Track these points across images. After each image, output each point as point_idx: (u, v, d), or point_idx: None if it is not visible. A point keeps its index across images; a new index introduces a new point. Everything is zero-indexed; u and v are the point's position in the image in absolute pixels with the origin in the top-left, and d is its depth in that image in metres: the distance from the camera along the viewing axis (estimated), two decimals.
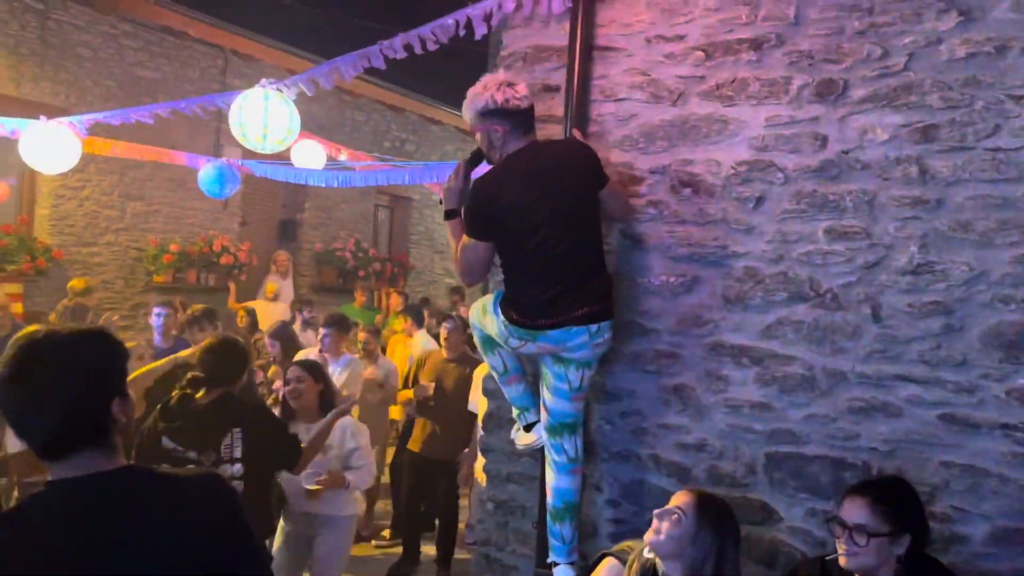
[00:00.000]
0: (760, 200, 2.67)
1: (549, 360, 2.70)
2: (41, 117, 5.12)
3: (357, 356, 6.04)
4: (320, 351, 5.50)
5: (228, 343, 3.59)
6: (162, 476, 1.54)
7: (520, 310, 2.61)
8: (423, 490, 5.63)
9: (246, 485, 3.28)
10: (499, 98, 2.58)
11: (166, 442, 3.30)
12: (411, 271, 12.39)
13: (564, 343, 2.60)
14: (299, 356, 5.58)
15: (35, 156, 5.11)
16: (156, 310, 5.41)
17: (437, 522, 5.83)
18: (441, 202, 2.79)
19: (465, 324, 5.61)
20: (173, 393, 3.48)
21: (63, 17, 7.76)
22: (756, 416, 2.68)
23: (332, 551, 4.01)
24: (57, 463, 1.47)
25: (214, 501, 1.55)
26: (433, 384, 5.43)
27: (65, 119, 5.15)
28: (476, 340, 2.97)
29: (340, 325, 5.70)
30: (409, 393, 5.64)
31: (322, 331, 5.66)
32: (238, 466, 3.31)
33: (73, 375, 1.45)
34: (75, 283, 7.03)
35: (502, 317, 2.65)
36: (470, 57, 4.05)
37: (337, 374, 5.41)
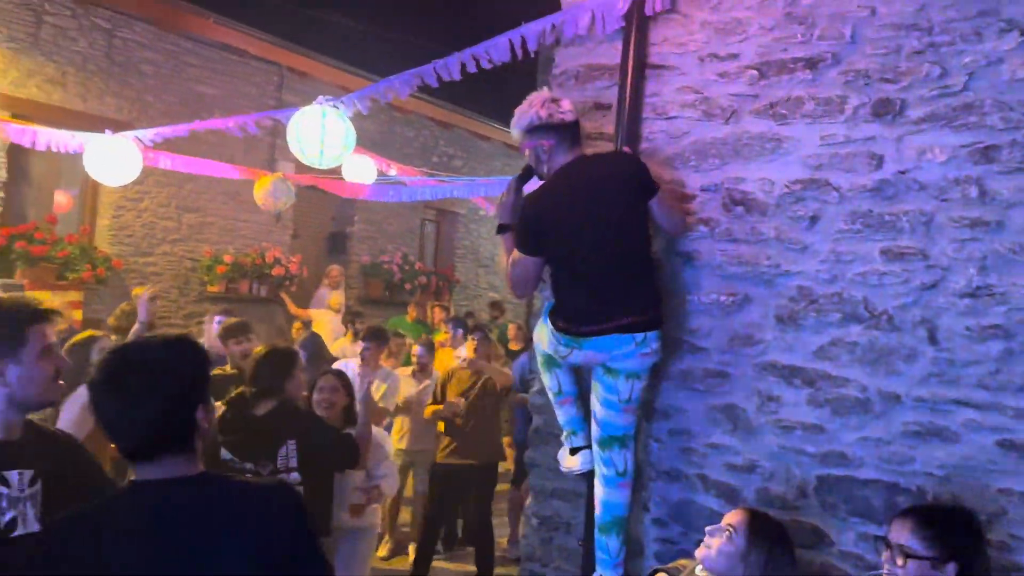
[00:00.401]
0: (814, 219, 2.65)
1: (599, 371, 2.73)
2: (107, 131, 5.30)
3: (397, 369, 6.11)
4: (361, 363, 5.56)
5: (274, 351, 3.70)
6: (237, 484, 1.62)
7: (566, 317, 2.67)
8: (450, 499, 5.61)
9: (305, 491, 3.36)
10: (543, 113, 2.66)
11: (224, 454, 3.39)
12: (456, 285, 12.48)
13: (610, 351, 2.63)
14: (338, 365, 5.67)
15: (99, 169, 5.29)
16: (217, 318, 5.58)
17: (460, 532, 5.82)
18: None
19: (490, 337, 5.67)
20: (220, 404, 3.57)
21: (128, 35, 8.04)
22: (808, 438, 2.65)
23: (355, 564, 4.06)
24: (142, 465, 1.54)
25: (284, 509, 1.61)
26: (463, 400, 5.44)
27: (130, 133, 5.32)
28: (537, 361, 3.02)
29: (378, 338, 5.75)
30: (436, 407, 5.65)
31: (361, 345, 5.70)
32: (295, 475, 3.39)
33: (164, 382, 1.53)
34: (139, 291, 7.23)
35: (550, 325, 2.72)
36: (518, 74, 4.10)
37: (375, 387, 5.45)
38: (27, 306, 2.02)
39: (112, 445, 3.60)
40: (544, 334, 2.82)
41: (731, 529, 2.18)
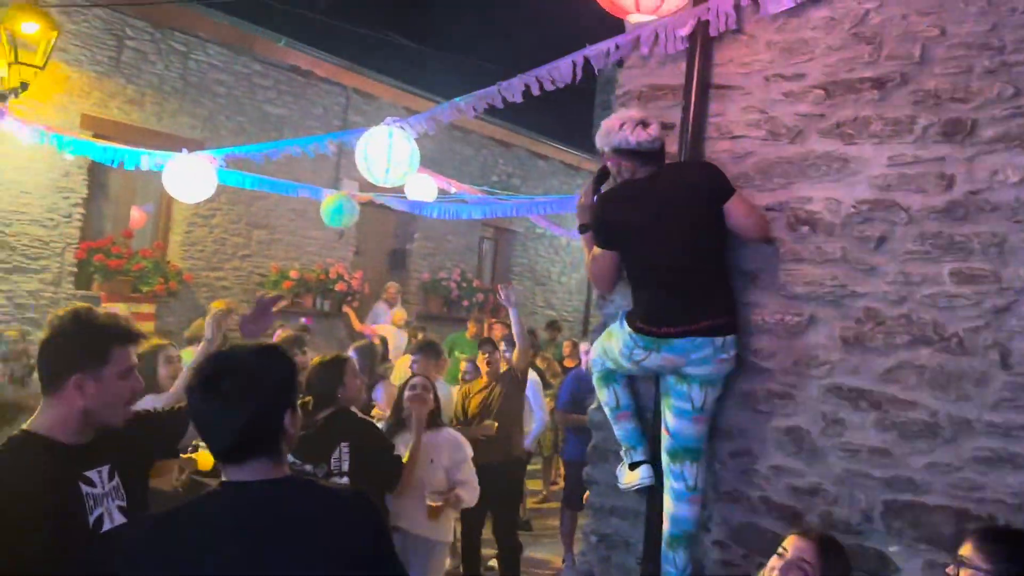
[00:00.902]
0: (882, 240, 2.62)
1: (671, 379, 2.74)
2: (183, 150, 5.53)
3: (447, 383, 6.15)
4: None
5: (325, 361, 3.83)
6: (321, 489, 1.69)
7: (646, 318, 2.70)
8: (482, 506, 5.49)
9: None
10: (632, 140, 2.75)
11: (288, 456, 3.51)
12: None
13: (688, 355, 2.65)
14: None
15: (176, 186, 5.52)
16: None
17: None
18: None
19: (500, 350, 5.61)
20: None
21: (202, 57, 8.36)
22: (874, 462, 2.61)
23: None
24: (232, 467, 1.62)
25: (366, 516, 1.67)
26: (495, 424, 5.36)
27: (205, 152, 5.55)
28: (594, 376, 3.05)
29: (428, 351, 5.75)
30: (462, 428, 5.59)
31: (411, 357, 5.71)
32: (345, 479, 3.48)
33: (259, 387, 1.61)
34: (218, 304, 7.44)
35: (627, 328, 2.73)
36: (577, 93, 4.15)
37: None
38: (116, 325, 2.03)
39: (185, 456, 3.75)
40: (617, 338, 2.82)
41: (808, 565, 2.14)
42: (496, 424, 5.38)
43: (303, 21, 8.74)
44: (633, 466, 2.97)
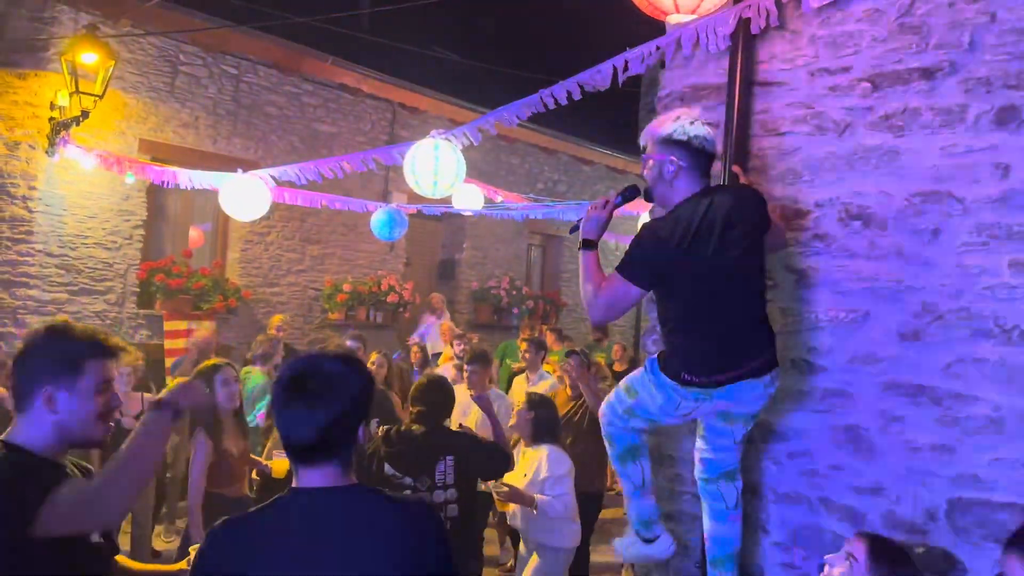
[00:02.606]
0: (936, 232, 2.57)
1: (712, 417, 2.62)
2: (238, 170, 5.68)
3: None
4: (468, 386, 5.62)
5: (437, 383, 3.91)
6: (384, 497, 1.74)
7: (694, 369, 2.46)
8: None
9: (459, 509, 3.55)
10: (691, 132, 2.48)
11: (387, 469, 3.62)
12: (562, 308, 12.54)
13: (740, 397, 2.51)
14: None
15: (232, 205, 5.68)
16: (349, 343, 5.91)
17: None
18: (571, 230, 2.69)
19: (588, 359, 5.58)
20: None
21: (253, 79, 8.59)
22: (936, 459, 2.55)
23: None
24: (305, 469, 1.68)
25: (426, 525, 1.72)
26: (570, 438, 5.33)
27: (259, 171, 5.69)
28: (612, 448, 2.74)
29: (483, 361, 5.78)
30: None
31: (467, 368, 5.75)
32: (452, 491, 3.60)
33: (342, 391, 1.67)
34: (276, 319, 7.70)
35: (671, 381, 2.49)
36: (621, 96, 4.14)
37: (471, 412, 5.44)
38: (91, 339, 1.95)
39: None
40: (654, 394, 2.55)
41: (851, 557, 2.14)
42: (570, 438, 5.33)
43: (349, 39, 8.91)
44: (650, 541, 2.84)
